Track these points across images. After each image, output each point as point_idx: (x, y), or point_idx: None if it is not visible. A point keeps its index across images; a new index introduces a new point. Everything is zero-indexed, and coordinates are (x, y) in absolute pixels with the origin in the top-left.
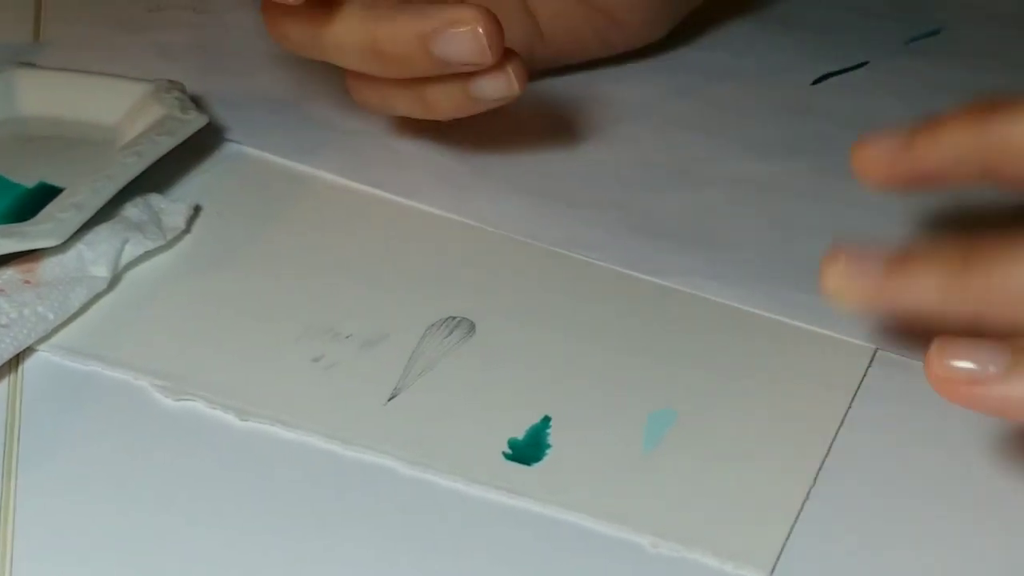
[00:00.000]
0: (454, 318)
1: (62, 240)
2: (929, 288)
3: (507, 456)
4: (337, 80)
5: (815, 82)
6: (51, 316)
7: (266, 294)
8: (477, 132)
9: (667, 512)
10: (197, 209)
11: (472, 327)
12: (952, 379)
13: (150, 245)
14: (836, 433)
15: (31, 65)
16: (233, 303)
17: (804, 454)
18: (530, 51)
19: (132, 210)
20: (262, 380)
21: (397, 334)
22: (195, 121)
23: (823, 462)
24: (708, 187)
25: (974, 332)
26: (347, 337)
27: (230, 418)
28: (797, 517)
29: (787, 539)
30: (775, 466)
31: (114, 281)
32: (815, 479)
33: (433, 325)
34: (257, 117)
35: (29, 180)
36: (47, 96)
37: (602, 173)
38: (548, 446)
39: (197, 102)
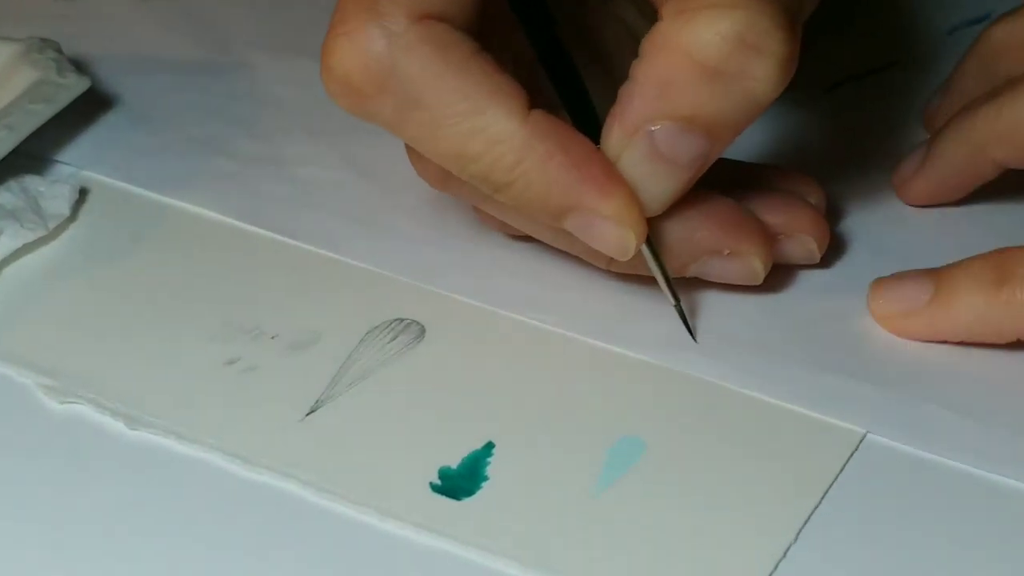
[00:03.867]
0: (401, 320)
1: None
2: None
3: (435, 488)
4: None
5: (831, 88)
6: None
7: (175, 287)
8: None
9: (608, 565)
10: (83, 192)
11: (422, 331)
12: (889, 315)
13: (30, 236)
14: (812, 511)
15: None
16: (134, 297)
17: (774, 526)
18: None
19: (5, 195)
20: (162, 384)
21: (332, 336)
22: (75, 85)
23: (796, 537)
24: None
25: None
26: (272, 338)
27: (119, 426)
28: None
29: None
30: (740, 533)
31: None
32: (784, 553)
33: (376, 328)
34: (122, 136)
35: None
36: None
37: None
38: (485, 478)
39: (76, 64)
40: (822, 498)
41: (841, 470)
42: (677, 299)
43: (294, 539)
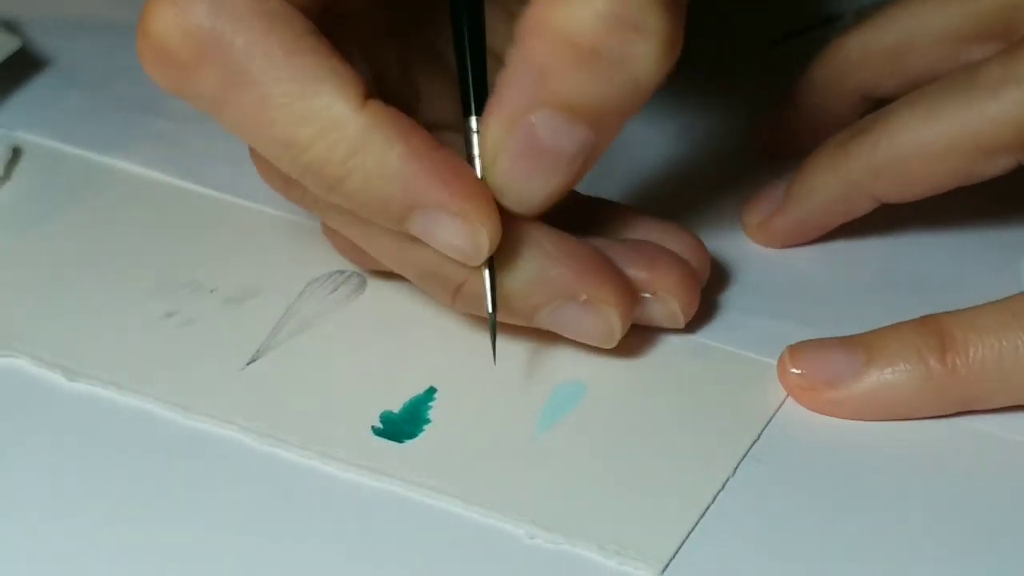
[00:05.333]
0: (342, 272)
1: None
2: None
3: (376, 431)
4: None
5: (774, 43)
6: None
7: (112, 244)
8: None
9: (551, 501)
10: (16, 153)
11: (363, 283)
12: (808, 387)
13: None
14: (751, 446)
15: None
16: (70, 254)
17: (714, 461)
18: None
19: None
20: (99, 337)
21: (271, 289)
22: (5, 45)
23: (735, 471)
24: (631, 177)
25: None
26: (211, 291)
27: (57, 378)
28: (700, 519)
29: (685, 540)
30: (681, 468)
31: None
32: (723, 486)
33: (316, 280)
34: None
35: None
36: None
37: None
38: (427, 421)
39: (6, 24)
40: (760, 434)
41: (779, 407)
42: (494, 324)
43: (236, 485)
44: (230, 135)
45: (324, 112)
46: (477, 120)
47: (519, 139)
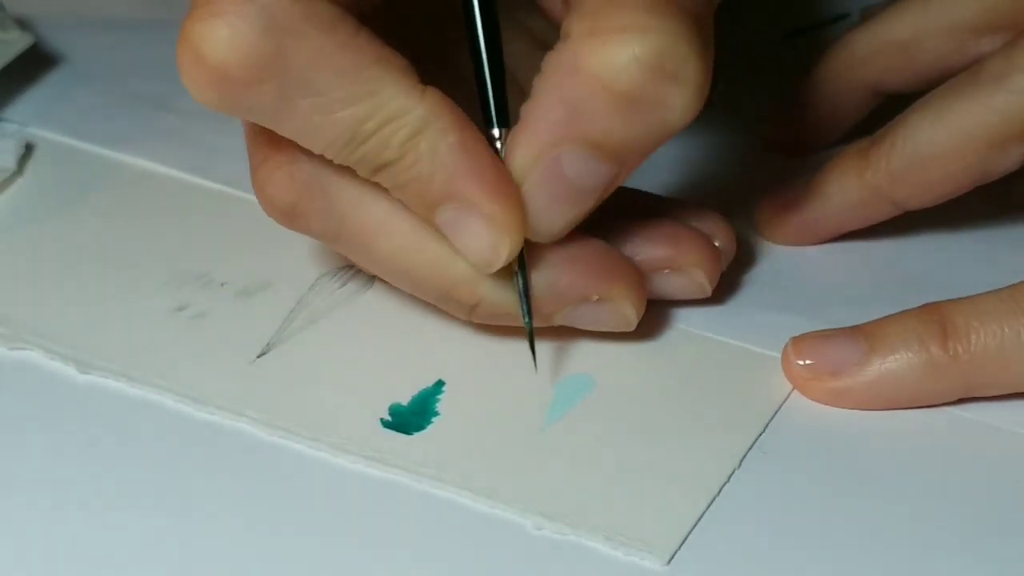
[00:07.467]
0: (352, 267)
1: None
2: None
3: (385, 424)
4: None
5: (784, 40)
6: None
7: (124, 238)
8: None
9: (558, 492)
10: (29, 148)
11: (371, 278)
12: (812, 377)
13: None
14: (756, 439)
15: None
16: (82, 248)
17: (720, 454)
18: None
19: None
20: (111, 330)
21: (282, 283)
22: (19, 41)
23: (740, 463)
24: (640, 174)
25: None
26: (221, 285)
27: (70, 370)
28: (706, 510)
29: (691, 531)
30: (688, 461)
31: None
32: (728, 478)
33: (326, 275)
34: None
35: None
36: None
37: None
38: (436, 414)
39: (19, 21)
40: (766, 426)
41: (785, 400)
42: (534, 352)
43: (246, 477)
44: (240, 131)
45: (387, 105)
46: (502, 132)
47: (543, 171)
